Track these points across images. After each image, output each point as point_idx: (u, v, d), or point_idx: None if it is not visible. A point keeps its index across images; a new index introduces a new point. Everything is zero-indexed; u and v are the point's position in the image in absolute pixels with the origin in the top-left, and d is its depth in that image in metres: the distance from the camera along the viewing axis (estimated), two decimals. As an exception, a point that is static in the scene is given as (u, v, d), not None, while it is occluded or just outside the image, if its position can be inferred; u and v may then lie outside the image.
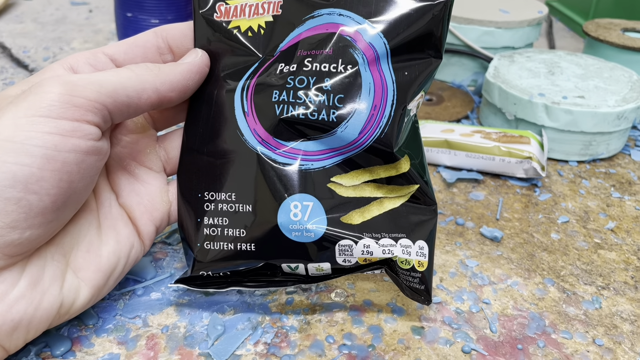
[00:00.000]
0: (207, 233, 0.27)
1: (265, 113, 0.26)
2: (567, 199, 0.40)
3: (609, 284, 0.32)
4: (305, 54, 0.26)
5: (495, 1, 0.59)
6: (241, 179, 0.26)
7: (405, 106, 0.26)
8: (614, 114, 0.42)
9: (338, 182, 0.26)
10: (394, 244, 0.26)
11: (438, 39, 0.27)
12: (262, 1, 0.28)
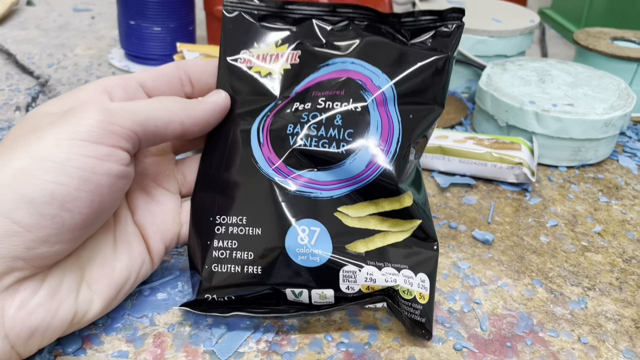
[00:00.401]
0: (216, 256, 0.27)
1: (279, 143, 0.28)
2: (557, 203, 0.42)
3: (594, 285, 0.34)
4: (319, 94, 0.29)
5: (488, 11, 0.60)
6: (252, 204, 0.28)
7: (410, 144, 0.28)
8: (602, 122, 0.43)
9: (344, 212, 0.28)
10: (397, 273, 0.27)
11: (441, 89, 0.29)
12: (281, 51, 0.31)
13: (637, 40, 0.56)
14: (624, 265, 0.36)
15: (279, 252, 0.27)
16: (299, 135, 0.28)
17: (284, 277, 0.27)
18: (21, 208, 0.22)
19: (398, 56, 0.29)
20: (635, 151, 0.49)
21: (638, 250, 0.37)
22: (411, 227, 0.28)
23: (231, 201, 0.28)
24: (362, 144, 0.28)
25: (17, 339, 0.23)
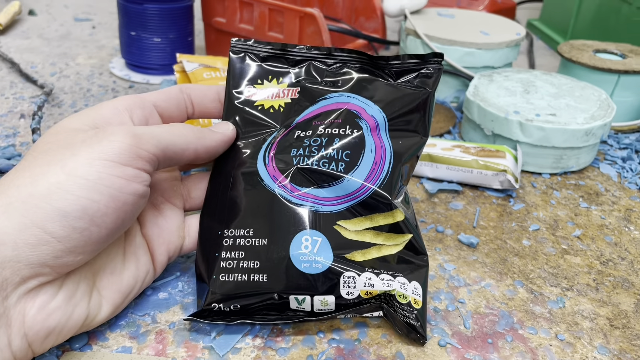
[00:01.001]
0: (224, 266, 0.29)
1: (284, 164, 0.31)
2: (539, 209, 0.44)
3: (572, 286, 0.36)
4: (318, 123, 0.32)
5: (476, 24, 0.63)
6: (258, 216, 0.30)
7: (400, 166, 0.31)
8: (583, 131, 0.46)
9: (343, 226, 0.30)
10: (392, 280, 0.30)
11: (425, 121, 0.33)
12: (283, 88, 0.34)
13: (619, 52, 0.58)
14: (601, 267, 0.38)
15: (284, 260, 0.29)
16: (301, 157, 0.31)
17: (289, 283, 0.29)
18: (55, 220, 0.24)
19: (388, 91, 0.33)
20: (616, 159, 0.51)
21: (615, 253, 0.39)
22: (403, 241, 0.31)
23: (238, 215, 0.31)
24: (358, 163, 0.31)
25: (35, 338, 0.25)
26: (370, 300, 0.30)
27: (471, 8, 0.79)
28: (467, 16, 0.66)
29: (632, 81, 0.54)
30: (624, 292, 0.36)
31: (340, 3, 0.68)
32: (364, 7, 0.66)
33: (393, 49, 0.78)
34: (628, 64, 0.55)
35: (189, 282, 0.34)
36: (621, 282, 0.37)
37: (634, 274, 0.37)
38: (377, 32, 0.66)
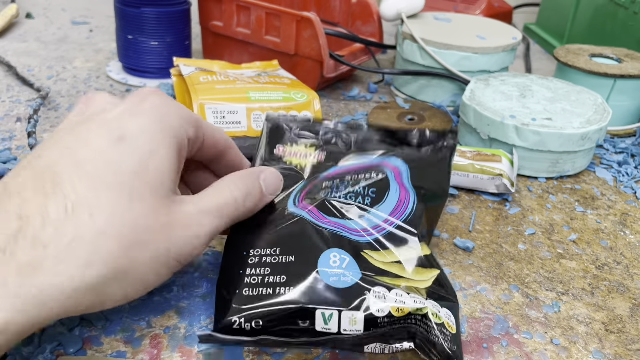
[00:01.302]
0: (248, 281, 0.28)
1: (313, 199, 0.33)
2: (535, 213, 0.44)
3: (568, 290, 0.36)
4: (345, 173, 0.35)
5: (473, 28, 0.63)
6: (286, 237, 0.30)
7: (424, 210, 0.33)
8: (578, 135, 0.46)
9: (370, 254, 0.30)
10: (424, 300, 0.28)
11: (444, 178, 0.35)
12: (310, 151, 0.36)
13: (615, 56, 0.58)
14: (596, 271, 0.38)
15: (310, 273, 0.28)
16: (329, 192, 0.33)
17: (315, 296, 0.27)
18: None
19: (409, 152, 0.36)
20: (612, 163, 0.51)
21: (610, 258, 0.39)
22: (431, 276, 0.30)
23: (264, 237, 0.30)
24: (384, 198, 0.33)
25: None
26: (401, 320, 0.28)
27: (468, 12, 0.79)
28: (464, 20, 0.66)
29: (628, 85, 0.54)
30: (620, 296, 0.36)
31: (337, 7, 0.68)
32: (360, 11, 0.66)
33: (390, 52, 0.78)
34: (624, 68, 0.55)
35: (184, 285, 0.34)
36: (616, 286, 0.37)
37: (629, 278, 0.37)
38: (374, 35, 0.66)
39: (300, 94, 0.46)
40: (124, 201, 0.23)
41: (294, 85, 0.48)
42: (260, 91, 0.45)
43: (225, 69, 0.52)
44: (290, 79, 0.51)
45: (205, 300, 0.33)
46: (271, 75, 0.51)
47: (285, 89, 0.47)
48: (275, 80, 0.49)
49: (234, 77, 0.48)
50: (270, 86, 0.47)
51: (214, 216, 0.27)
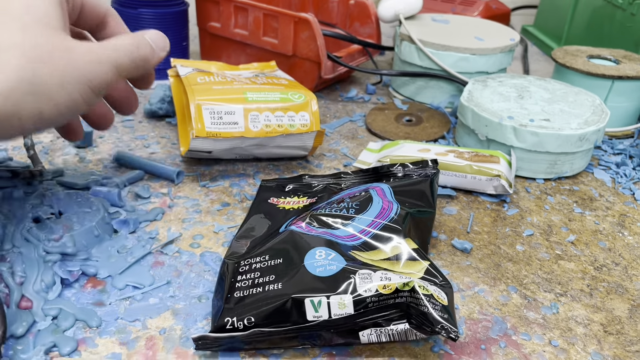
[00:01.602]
0: (239, 285, 0.30)
1: (303, 218, 0.34)
2: (533, 214, 0.44)
3: (566, 292, 0.36)
4: (332, 202, 0.36)
5: (471, 29, 0.63)
6: (275, 245, 0.32)
7: (408, 214, 0.34)
8: (576, 136, 0.46)
9: (358, 254, 0.31)
10: (412, 278, 0.29)
11: (430, 196, 0.37)
12: (302, 200, 0.39)
13: (613, 58, 0.58)
14: (595, 272, 0.38)
15: (298, 269, 0.30)
16: (317, 210, 0.35)
17: (303, 287, 0.28)
18: None
19: (393, 181, 0.39)
20: (610, 164, 0.51)
21: (609, 259, 0.39)
22: (422, 268, 0.30)
23: (255, 251, 0.32)
24: (368, 209, 0.34)
25: None
26: (390, 298, 0.28)
27: (466, 14, 0.79)
28: (462, 22, 0.66)
29: (626, 87, 0.54)
30: (618, 297, 0.36)
31: (335, 8, 0.68)
32: (358, 12, 0.66)
33: (388, 54, 0.78)
34: (622, 69, 0.55)
35: (180, 287, 0.33)
36: (615, 287, 0.36)
37: (628, 279, 0.37)
38: (372, 37, 0.66)
39: (297, 95, 0.46)
40: (20, 28, 0.27)
41: (291, 87, 0.48)
42: (258, 92, 0.45)
43: (223, 70, 0.52)
44: (288, 79, 0.51)
45: (201, 301, 0.32)
46: (269, 77, 0.51)
47: (282, 89, 0.46)
48: (273, 82, 0.49)
49: (232, 78, 0.48)
50: (268, 87, 0.47)
51: (111, 49, 0.30)
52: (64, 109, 0.28)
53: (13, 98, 0.26)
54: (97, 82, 0.29)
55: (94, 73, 0.29)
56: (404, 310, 0.28)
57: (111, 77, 0.30)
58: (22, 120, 0.27)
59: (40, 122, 0.27)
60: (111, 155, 0.47)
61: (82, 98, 0.29)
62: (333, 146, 0.52)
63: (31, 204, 0.35)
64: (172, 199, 0.42)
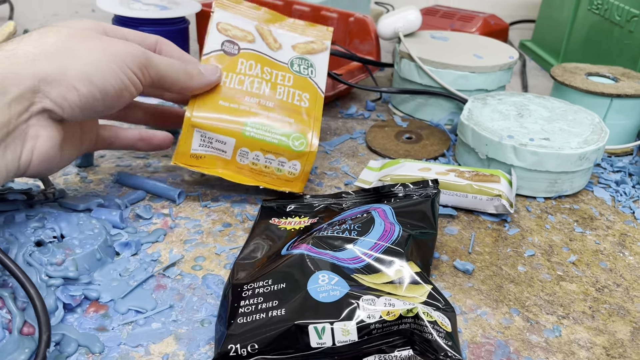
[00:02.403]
0: (242, 311, 0.29)
1: (305, 240, 0.34)
2: (534, 234, 0.44)
3: (568, 314, 0.36)
4: (334, 223, 0.36)
5: (470, 47, 0.63)
6: (277, 270, 0.32)
7: (410, 236, 0.34)
8: (576, 155, 0.46)
9: (361, 277, 0.31)
10: (415, 303, 0.29)
11: (431, 216, 0.37)
12: (303, 220, 0.39)
13: (611, 75, 0.59)
14: (596, 294, 0.38)
15: (301, 295, 0.29)
16: (319, 233, 0.35)
17: (307, 313, 0.28)
18: (85, 83, 0.33)
19: (395, 202, 0.39)
20: (610, 182, 0.52)
21: (610, 280, 0.39)
22: (425, 292, 0.30)
23: (258, 275, 0.32)
24: (370, 231, 0.34)
25: (36, 160, 0.33)
26: (394, 324, 0.28)
27: (465, 30, 0.79)
28: (461, 39, 0.67)
29: (624, 105, 0.55)
30: (620, 319, 0.36)
31: (335, 25, 0.68)
32: (358, 29, 0.66)
33: (388, 69, 0.78)
34: (620, 87, 0.55)
35: (183, 311, 0.33)
36: (617, 309, 0.36)
37: (630, 301, 0.37)
38: (372, 54, 0.66)
39: (299, 142, 0.43)
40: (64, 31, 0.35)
41: (302, 123, 0.43)
42: (260, 127, 0.42)
43: (269, 23, 0.47)
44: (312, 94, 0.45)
45: (204, 325, 0.32)
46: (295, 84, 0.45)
47: (290, 126, 0.43)
48: (294, 103, 0.44)
49: (252, 79, 0.44)
50: (279, 115, 0.43)
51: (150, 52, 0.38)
52: (108, 74, 0.34)
53: (57, 59, 0.32)
54: (131, 61, 0.35)
55: (128, 51, 0.35)
56: (408, 336, 0.28)
57: (144, 61, 0.36)
58: (73, 79, 0.32)
59: (92, 87, 0.33)
60: (112, 175, 0.47)
61: (121, 72, 0.35)
62: (334, 164, 0.52)
63: (33, 227, 0.35)
64: (173, 220, 0.42)
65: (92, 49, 0.34)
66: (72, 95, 0.33)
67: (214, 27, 0.45)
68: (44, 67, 0.32)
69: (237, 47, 0.45)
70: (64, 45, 0.33)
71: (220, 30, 0.45)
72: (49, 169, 0.35)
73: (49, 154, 0.33)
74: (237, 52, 0.45)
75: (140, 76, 0.36)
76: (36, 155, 0.33)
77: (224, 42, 0.45)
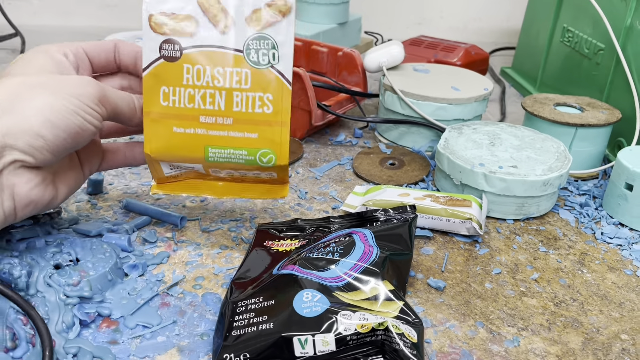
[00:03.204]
0: (236, 325, 0.34)
1: (293, 261, 0.38)
2: (502, 253, 0.48)
3: (527, 326, 0.40)
4: (320, 245, 0.41)
5: (449, 79, 0.68)
6: (267, 289, 0.36)
7: (387, 258, 0.39)
8: (540, 182, 0.51)
9: (341, 294, 0.36)
10: (386, 318, 0.34)
11: (408, 239, 0.42)
12: (294, 242, 0.43)
13: (578, 105, 0.64)
14: (554, 308, 0.42)
15: (287, 311, 0.34)
16: (306, 254, 0.39)
17: (292, 326, 0.33)
18: (47, 128, 0.34)
19: (376, 224, 0.44)
20: (575, 205, 0.56)
21: (568, 295, 0.44)
22: (397, 307, 0.35)
23: (251, 293, 0.37)
24: (351, 253, 0.39)
25: (20, 204, 0.35)
26: (368, 336, 0.33)
27: (447, 60, 0.85)
28: (441, 71, 0.72)
29: (588, 133, 0.60)
30: (574, 331, 0.40)
31: (325, 58, 0.73)
32: (346, 62, 0.72)
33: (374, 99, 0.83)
34: (584, 117, 0.60)
35: (185, 326, 0.38)
36: (571, 322, 0.41)
37: (584, 314, 0.42)
38: (359, 85, 0.71)
39: (268, 157, 0.40)
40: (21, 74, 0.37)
41: (265, 134, 0.39)
42: (221, 148, 0.40)
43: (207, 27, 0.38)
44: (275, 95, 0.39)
45: (203, 338, 0.37)
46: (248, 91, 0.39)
47: (253, 142, 0.39)
48: (249, 115, 0.39)
49: (204, 89, 0.39)
50: (238, 132, 0.39)
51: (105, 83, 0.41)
52: (67, 114, 0.35)
53: (15, 110, 0.34)
54: (86, 97, 0.36)
55: (81, 89, 0.36)
56: (379, 347, 0.33)
57: (100, 96, 0.37)
58: (35, 127, 0.34)
59: (55, 130, 0.34)
60: (120, 202, 0.52)
61: (79, 109, 0.35)
62: (323, 189, 0.57)
63: (52, 252, 0.40)
64: (176, 243, 0.46)
65: (47, 91, 0.35)
66: (38, 143, 0.34)
67: (146, 24, 0.38)
68: (5, 123, 0.33)
69: (179, 46, 0.38)
70: (19, 96, 0.34)
71: (154, 27, 0.38)
72: (44, 206, 0.37)
73: (31, 196, 0.35)
74: (179, 55, 0.38)
75: (99, 110, 0.37)
76: (18, 200, 0.35)
77: (162, 44, 0.38)
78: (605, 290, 0.44)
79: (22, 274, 0.36)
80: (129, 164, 0.45)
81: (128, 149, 0.45)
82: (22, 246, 0.40)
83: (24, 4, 1.12)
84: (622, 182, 0.52)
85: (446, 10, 1.20)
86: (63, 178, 0.39)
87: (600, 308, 0.42)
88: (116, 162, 0.45)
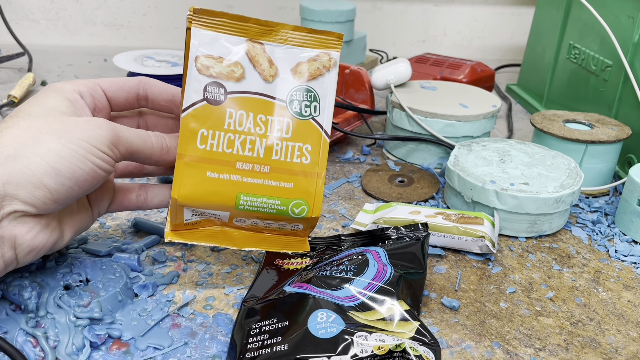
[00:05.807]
0: (250, 347, 0.34)
1: (304, 279, 0.38)
2: (515, 272, 0.48)
3: (545, 346, 0.39)
4: (333, 263, 0.40)
5: (457, 96, 0.69)
6: (281, 309, 0.36)
7: (401, 277, 0.38)
8: (553, 199, 0.50)
9: (356, 314, 0.35)
10: (402, 339, 0.33)
11: (421, 257, 0.41)
12: (304, 260, 0.42)
13: (587, 122, 0.64)
14: (571, 328, 0.41)
15: (302, 332, 0.33)
16: (319, 273, 0.39)
17: (307, 348, 0.32)
18: (51, 176, 0.32)
19: (388, 242, 0.44)
20: (587, 222, 0.56)
21: (584, 314, 0.43)
22: (412, 328, 0.35)
23: (264, 313, 0.36)
24: (365, 272, 0.38)
25: (21, 252, 0.33)
26: (385, 358, 0.32)
27: (453, 77, 0.85)
28: (448, 88, 0.72)
29: (598, 150, 0.59)
30: (592, 351, 0.39)
31: (332, 76, 0.74)
32: (353, 80, 0.72)
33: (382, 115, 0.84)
34: (594, 134, 0.60)
35: (196, 348, 0.37)
36: (589, 342, 0.40)
37: (601, 334, 0.41)
38: (366, 102, 0.71)
39: (300, 208, 0.40)
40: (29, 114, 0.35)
41: (299, 187, 0.39)
42: (254, 196, 0.39)
43: (262, 37, 0.38)
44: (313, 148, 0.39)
45: None
46: (295, 133, 0.39)
47: (288, 192, 0.39)
48: (288, 163, 0.39)
49: (242, 139, 0.38)
50: (274, 181, 0.39)
51: (118, 123, 0.37)
52: (75, 160, 0.33)
53: (19, 157, 0.32)
54: (97, 141, 0.34)
55: (91, 133, 0.34)
56: None
57: (113, 138, 0.35)
58: (41, 179, 0.32)
59: (60, 178, 0.33)
60: (129, 221, 0.51)
61: (89, 154, 0.34)
62: (332, 207, 0.57)
63: (62, 273, 0.39)
64: (185, 263, 0.46)
65: (54, 136, 0.33)
66: (41, 192, 0.32)
67: (193, 64, 0.37)
68: (6, 170, 0.31)
69: (224, 90, 0.38)
70: (24, 141, 0.32)
71: (200, 68, 0.37)
72: (48, 250, 0.35)
73: (33, 244, 0.34)
74: (224, 99, 0.37)
75: (110, 153, 0.35)
76: (20, 250, 0.33)
77: (206, 86, 0.37)
78: (622, 309, 0.44)
79: (32, 295, 0.36)
80: (139, 208, 0.43)
81: (141, 191, 0.43)
82: (32, 267, 0.39)
83: (32, 23, 1.13)
84: (635, 199, 0.52)
85: (450, 27, 1.21)
86: (69, 220, 0.38)
87: (617, 327, 0.42)
88: (125, 204, 0.43)
